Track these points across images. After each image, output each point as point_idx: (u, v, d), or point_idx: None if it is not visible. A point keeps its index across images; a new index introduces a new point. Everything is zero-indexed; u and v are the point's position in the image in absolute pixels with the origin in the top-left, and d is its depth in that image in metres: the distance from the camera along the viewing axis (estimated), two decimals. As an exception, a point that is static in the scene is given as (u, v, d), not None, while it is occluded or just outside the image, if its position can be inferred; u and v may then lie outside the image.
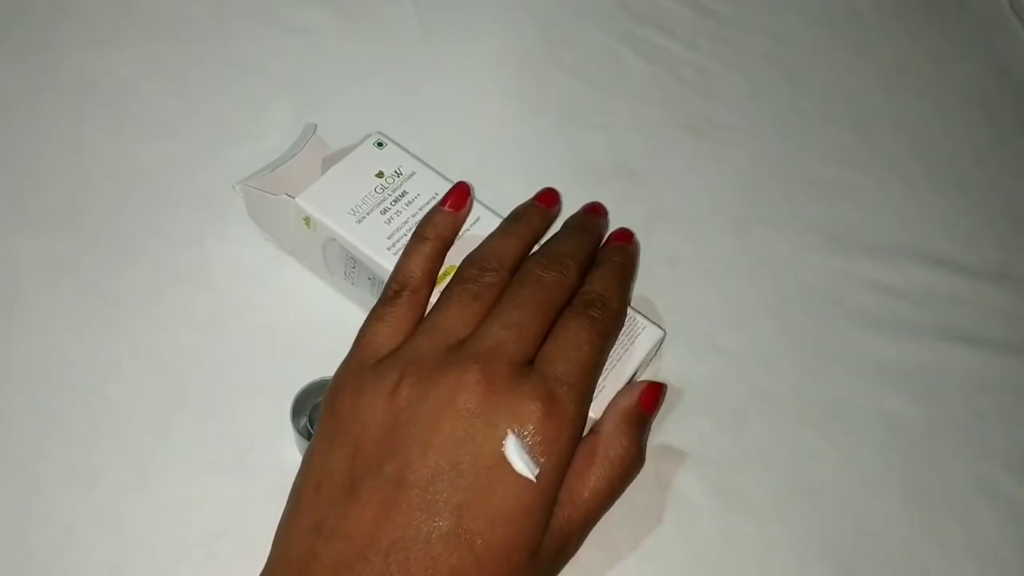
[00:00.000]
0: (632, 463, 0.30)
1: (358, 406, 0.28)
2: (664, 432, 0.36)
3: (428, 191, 0.36)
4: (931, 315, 0.44)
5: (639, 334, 0.34)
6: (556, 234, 0.35)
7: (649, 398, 0.32)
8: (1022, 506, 0.38)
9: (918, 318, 0.43)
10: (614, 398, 0.32)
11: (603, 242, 0.36)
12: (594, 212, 0.37)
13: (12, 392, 0.34)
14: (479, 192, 0.36)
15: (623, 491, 0.30)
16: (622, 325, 0.33)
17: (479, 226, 0.35)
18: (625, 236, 0.36)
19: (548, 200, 0.36)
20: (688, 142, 0.47)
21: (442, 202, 0.34)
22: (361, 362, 0.30)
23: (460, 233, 0.35)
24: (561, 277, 0.31)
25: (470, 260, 0.33)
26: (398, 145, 0.37)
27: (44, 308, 0.36)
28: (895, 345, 0.39)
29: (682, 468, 0.36)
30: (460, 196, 0.35)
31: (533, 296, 0.30)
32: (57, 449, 0.33)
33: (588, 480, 0.29)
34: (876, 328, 0.42)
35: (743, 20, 0.53)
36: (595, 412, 0.32)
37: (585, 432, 0.32)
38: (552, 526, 0.28)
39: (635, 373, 0.34)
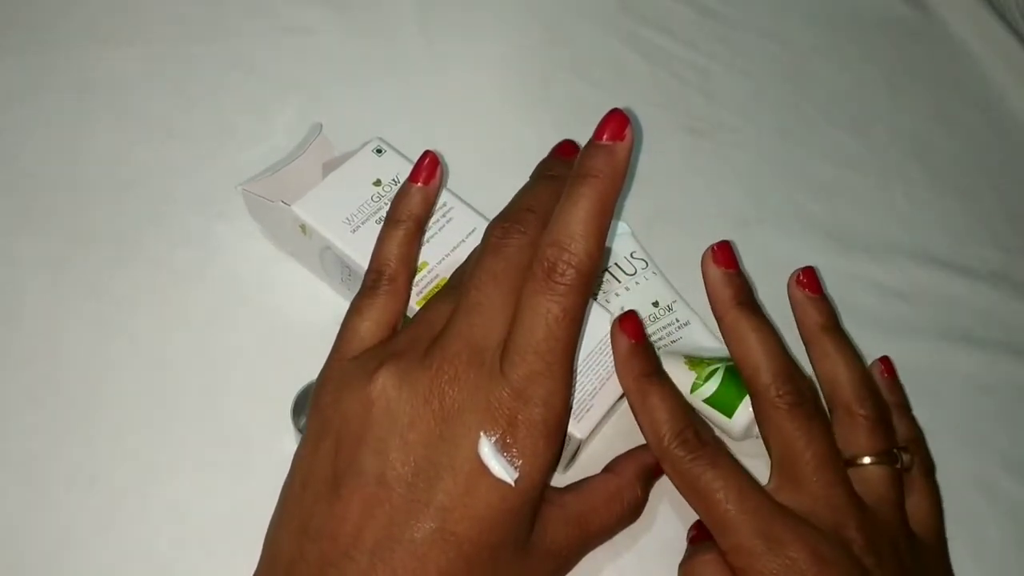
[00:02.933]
0: (638, 512, 0.33)
1: (340, 401, 0.28)
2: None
3: None
4: (931, 315, 0.44)
5: None
6: (523, 186, 0.32)
7: None
8: (1022, 506, 0.38)
9: (918, 318, 0.43)
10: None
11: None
12: (563, 153, 0.33)
13: (12, 392, 0.34)
14: (478, 193, 0.36)
15: (619, 532, 0.32)
16: (597, 271, 0.28)
17: (476, 236, 0.35)
18: (616, 130, 0.28)
19: None
20: (689, 142, 0.47)
21: (411, 177, 0.32)
22: (343, 357, 0.30)
23: (436, 209, 0.34)
24: (520, 238, 0.29)
25: (458, 271, 0.33)
26: (397, 151, 0.37)
27: (44, 308, 0.36)
28: (895, 345, 0.39)
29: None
30: (430, 168, 0.32)
31: (489, 270, 0.28)
32: (57, 449, 0.33)
33: (602, 516, 0.31)
34: (876, 328, 0.42)
35: (744, 20, 0.53)
36: (581, 432, 0.32)
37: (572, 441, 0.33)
38: (557, 544, 0.29)
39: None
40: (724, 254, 0.35)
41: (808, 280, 0.36)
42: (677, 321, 0.38)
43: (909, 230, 0.46)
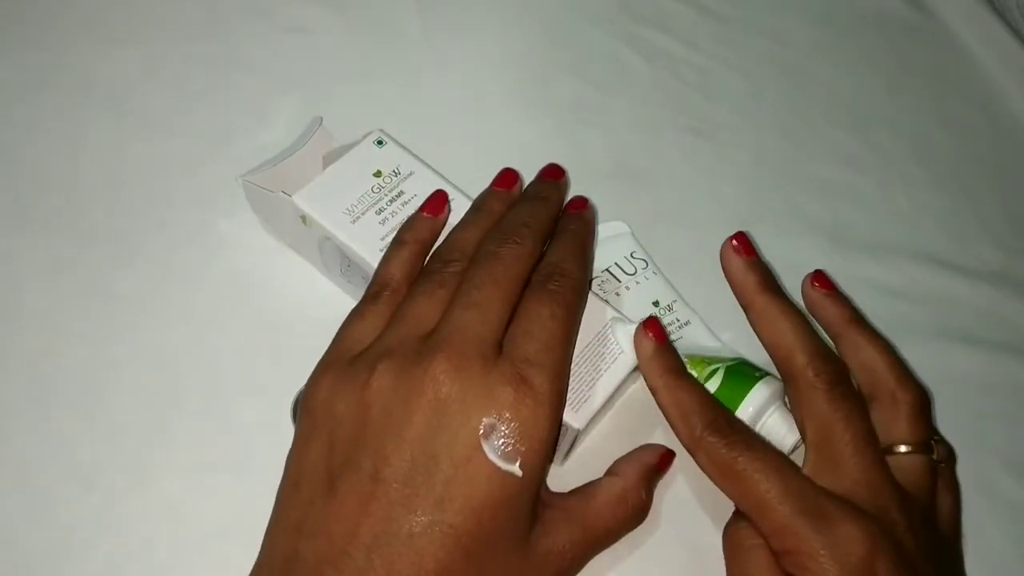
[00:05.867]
0: (644, 514, 0.33)
1: (332, 402, 0.28)
2: (664, 434, 0.36)
3: (425, 191, 0.35)
4: (931, 315, 0.44)
5: (628, 341, 0.34)
6: (514, 206, 0.35)
7: (667, 461, 0.34)
8: (1022, 506, 0.38)
9: (918, 318, 0.43)
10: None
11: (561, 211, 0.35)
12: (550, 175, 0.36)
13: (12, 392, 0.34)
14: (478, 192, 0.36)
15: (623, 536, 0.32)
16: (585, 292, 0.33)
17: None
18: (580, 204, 0.35)
19: (505, 182, 0.36)
20: (689, 142, 0.47)
21: (421, 208, 0.34)
22: (337, 358, 0.30)
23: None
24: (516, 248, 0.31)
25: (434, 255, 0.33)
26: (398, 143, 0.37)
27: (44, 308, 0.36)
28: (895, 345, 0.39)
29: (681, 469, 0.36)
30: (438, 203, 0.35)
31: (489, 273, 0.30)
32: (57, 449, 0.33)
33: (607, 519, 0.31)
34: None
35: (744, 20, 0.53)
36: (579, 422, 0.32)
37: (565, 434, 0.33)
38: (561, 546, 0.29)
39: (625, 379, 0.34)
40: (743, 243, 0.36)
41: (821, 280, 0.36)
42: (677, 321, 0.38)
43: (909, 230, 0.46)
